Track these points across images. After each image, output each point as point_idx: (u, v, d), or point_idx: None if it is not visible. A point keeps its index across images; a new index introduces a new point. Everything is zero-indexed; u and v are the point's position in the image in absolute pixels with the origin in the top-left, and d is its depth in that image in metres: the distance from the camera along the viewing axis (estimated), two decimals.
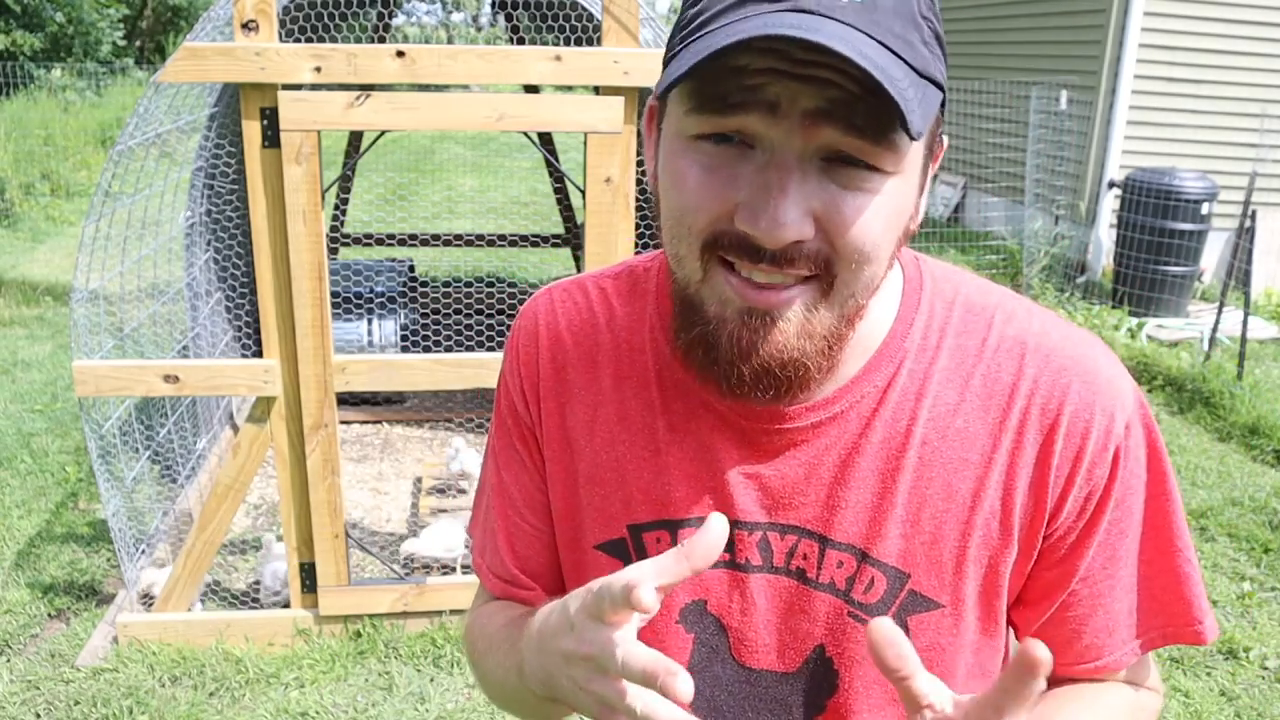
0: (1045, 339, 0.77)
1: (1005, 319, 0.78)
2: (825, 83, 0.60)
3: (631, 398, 0.82)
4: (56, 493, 4.01)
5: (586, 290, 0.87)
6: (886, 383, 0.77)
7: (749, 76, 0.61)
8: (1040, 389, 0.76)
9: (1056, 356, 0.76)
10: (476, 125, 2.63)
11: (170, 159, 3.66)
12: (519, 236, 6.58)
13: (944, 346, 0.77)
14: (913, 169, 0.67)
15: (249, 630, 3.02)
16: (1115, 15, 6.97)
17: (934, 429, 0.76)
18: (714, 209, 0.65)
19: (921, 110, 0.61)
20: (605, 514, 0.83)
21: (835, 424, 0.77)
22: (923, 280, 0.80)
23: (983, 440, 0.76)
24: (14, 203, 9.16)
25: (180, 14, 20.67)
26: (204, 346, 3.88)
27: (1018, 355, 0.77)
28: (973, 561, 0.77)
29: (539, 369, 0.86)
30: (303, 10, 3.50)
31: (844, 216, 0.64)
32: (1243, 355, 5.23)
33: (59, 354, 5.60)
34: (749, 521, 0.79)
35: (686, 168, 0.66)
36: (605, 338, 0.84)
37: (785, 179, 0.62)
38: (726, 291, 0.67)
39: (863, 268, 0.66)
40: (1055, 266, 7.02)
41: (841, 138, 0.62)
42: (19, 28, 14.74)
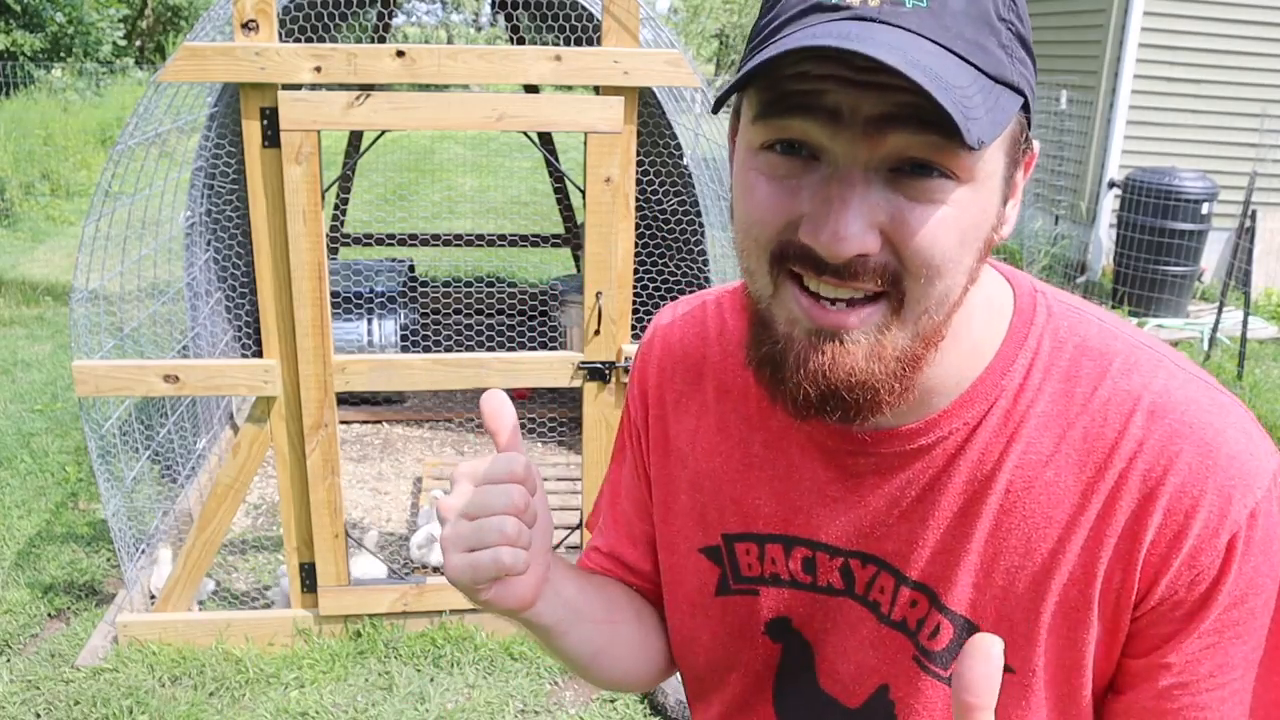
0: (1165, 397, 0.68)
1: (1125, 369, 0.70)
2: (890, 88, 0.58)
3: (731, 411, 0.84)
4: (56, 493, 4.01)
5: (705, 305, 0.90)
6: (977, 421, 0.72)
7: (809, 82, 0.60)
8: (1145, 452, 0.67)
9: (1172, 418, 0.68)
10: (476, 125, 2.63)
11: (170, 159, 3.66)
12: (519, 236, 6.58)
13: (1045, 390, 0.71)
14: (990, 176, 0.64)
15: (249, 630, 3.02)
16: (1115, 15, 6.97)
17: (1020, 477, 0.70)
18: (779, 221, 0.64)
19: (990, 117, 0.58)
20: (705, 520, 0.85)
21: (921, 456, 0.73)
22: (1035, 314, 0.74)
23: (1072, 498, 0.69)
24: (14, 203, 9.17)
25: (180, 14, 20.67)
26: (204, 346, 3.88)
27: (1128, 411, 0.68)
28: (1047, 630, 0.71)
29: (649, 377, 0.90)
30: (303, 10, 3.50)
31: (910, 228, 0.61)
32: (1243, 355, 5.23)
33: (59, 354, 5.60)
34: (831, 545, 0.78)
35: (754, 179, 0.65)
36: (713, 350, 0.86)
37: (848, 192, 0.61)
38: (795, 310, 0.65)
39: (933, 282, 0.63)
40: (1055, 266, 7.02)
41: (911, 139, 0.59)
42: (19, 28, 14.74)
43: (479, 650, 3.02)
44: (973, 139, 0.56)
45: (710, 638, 0.87)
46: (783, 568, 0.81)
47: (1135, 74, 7.03)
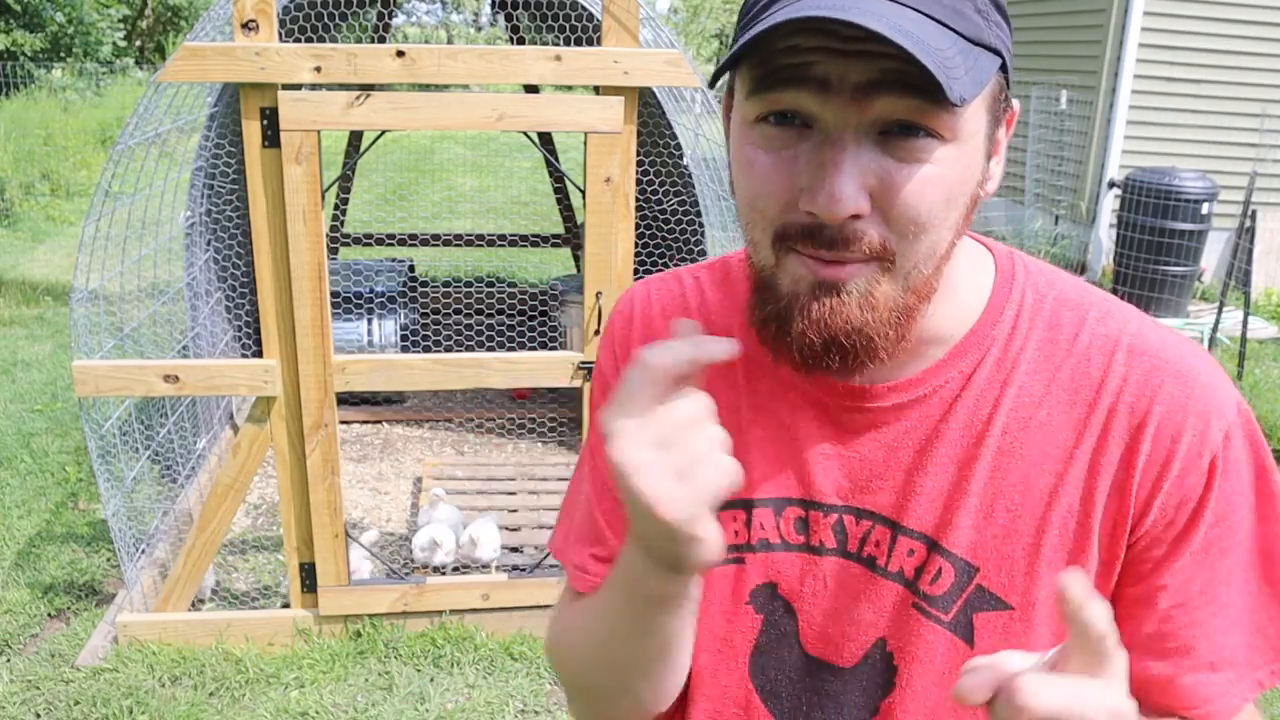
0: (1140, 338, 0.75)
1: (1100, 316, 0.77)
2: (875, 55, 0.62)
3: (716, 379, 0.82)
4: (56, 493, 4.01)
5: (681, 279, 0.90)
6: (972, 369, 0.76)
7: (799, 55, 0.64)
8: (1130, 387, 0.73)
9: (1150, 356, 0.74)
10: (476, 125, 2.63)
11: (170, 159, 3.66)
12: (519, 236, 6.58)
13: (1032, 337, 0.77)
14: (974, 134, 0.68)
15: (249, 630, 3.02)
16: (1115, 15, 6.97)
17: (1015, 419, 0.75)
18: (782, 195, 0.67)
19: (970, 77, 0.62)
20: None
21: (918, 407, 0.77)
22: (1015, 271, 0.80)
23: (1065, 435, 0.74)
24: (14, 203, 9.17)
25: (180, 14, 20.67)
26: (204, 346, 3.88)
27: (1109, 351, 0.75)
28: (1046, 563, 0.74)
29: (631, 345, 0.88)
30: (303, 10, 3.50)
31: (898, 187, 0.65)
32: (1243, 355, 5.23)
33: (59, 354, 5.60)
34: (826, 503, 0.79)
35: (753, 153, 0.69)
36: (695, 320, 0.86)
37: (839, 155, 0.64)
38: (800, 270, 0.69)
39: (919, 237, 0.67)
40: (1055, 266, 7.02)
41: (897, 102, 0.63)
42: (19, 28, 14.74)
43: (479, 650, 3.02)
44: (955, 96, 0.60)
45: None
46: (772, 532, 0.82)
47: (1135, 74, 7.03)
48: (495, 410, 4.94)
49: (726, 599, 0.83)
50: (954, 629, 0.77)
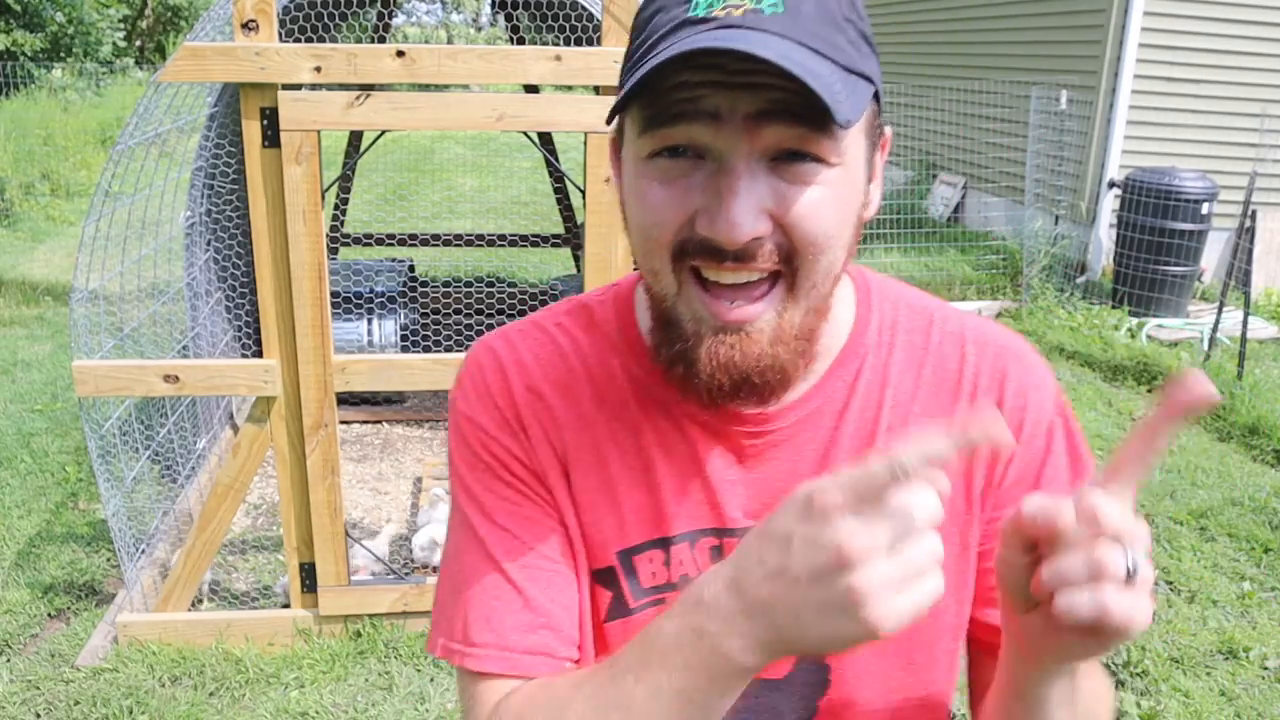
0: (979, 332, 0.86)
1: (943, 317, 0.87)
2: (762, 87, 0.65)
3: (613, 419, 0.83)
4: (56, 493, 4.01)
5: (541, 327, 0.87)
6: (854, 377, 0.82)
7: (689, 90, 0.66)
8: (983, 372, 0.84)
9: (992, 344, 0.85)
10: (476, 125, 2.63)
11: (170, 159, 3.66)
12: (519, 236, 6.58)
13: (897, 342, 0.84)
14: (856, 159, 0.71)
15: (249, 630, 3.02)
16: (1115, 15, 6.97)
17: (897, 416, 0.82)
18: (676, 219, 0.69)
19: (850, 101, 0.66)
20: (596, 541, 0.82)
21: (812, 421, 0.81)
22: (870, 287, 0.87)
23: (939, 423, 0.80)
24: (14, 203, 9.17)
25: (180, 14, 20.67)
26: (204, 346, 3.88)
27: (959, 345, 0.85)
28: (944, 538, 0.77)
29: (516, 399, 0.83)
30: (303, 10, 3.50)
31: (795, 210, 0.68)
32: (1243, 355, 5.23)
33: (59, 354, 5.60)
34: (738, 528, 0.81)
35: (647, 186, 0.70)
36: (575, 365, 0.84)
37: (735, 182, 0.67)
38: (700, 310, 0.70)
39: (819, 256, 0.70)
40: (1055, 266, 7.02)
41: (785, 132, 0.66)
42: (19, 28, 14.74)
43: None
44: (842, 119, 0.63)
45: None
46: (690, 565, 0.81)
47: (1135, 74, 7.02)
48: None
49: None
50: None
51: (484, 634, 0.79)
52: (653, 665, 0.66)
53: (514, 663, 0.78)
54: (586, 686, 0.71)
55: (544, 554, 0.81)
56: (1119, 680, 3.03)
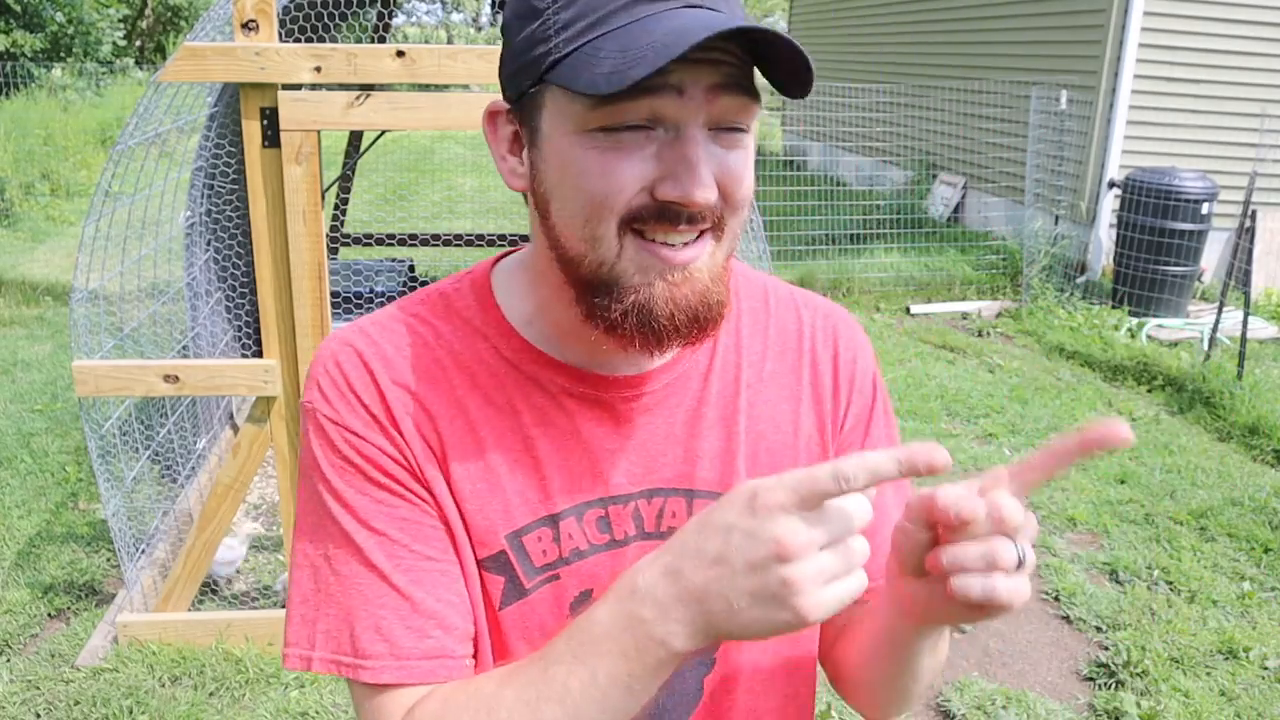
0: (806, 297, 0.96)
1: (774, 285, 0.95)
2: (719, 63, 0.70)
3: (486, 403, 0.82)
4: (56, 493, 4.01)
5: (396, 318, 0.85)
6: (713, 342, 0.88)
7: None
8: (819, 331, 0.93)
9: (819, 307, 0.96)
10: (476, 125, 2.63)
11: (170, 159, 3.66)
12: (519, 236, 6.58)
13: (743, 308, 0.92)
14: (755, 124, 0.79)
15: (249, 630, 3.02)
16: (1115, 15, 6.97)
17: (753, 374, 0.89)
18: (633, 185, 0.72)
19: None
20: (482, 527, 0.80)
21: (680, 384, 0.86)
22: None
23: (789, 378, 0.91)
24: (14, 203, 9.17)
25: (180, 14, 20.67)
26: (204, 346, 3.88)
27: (794, 308, 0.94)
28: None
29: (384, 394, 0.80)
30: (303, 10, 3.50)
31: (734, 174, 0.74)
32: (1243, 355, 5.23)
33: (59, 354, 5.60)
34: (621, 495, 0.83)
35: (593, 156, 0.72)
36: (440, 353, 0.82)
37: (698, 150, 0.71)
38: (647, 259, 0.74)
39: (742, 211, 0.77)
40: (1055, 266, 7.02)
41: (732, 103, 0.72)
42: (19, 28, 14.74)
43: None
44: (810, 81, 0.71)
45: (508, 651, 0.81)
46: (580, 539, 0.82)
47: (1135, 74, 7.03)
48: None
49: (548, 619, 0.81)
50: None
51: (375, 644, 0.76)
52: (587, 654, 0.67)
53: (410, 670, 0.76)
54: (516, 681, 0.70)
55: (425, 554, 0.78)
56: (1119, 680, 3.03)
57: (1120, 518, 4.06)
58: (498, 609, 0.81)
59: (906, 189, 9.52)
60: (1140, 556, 3.73)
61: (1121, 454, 4.61)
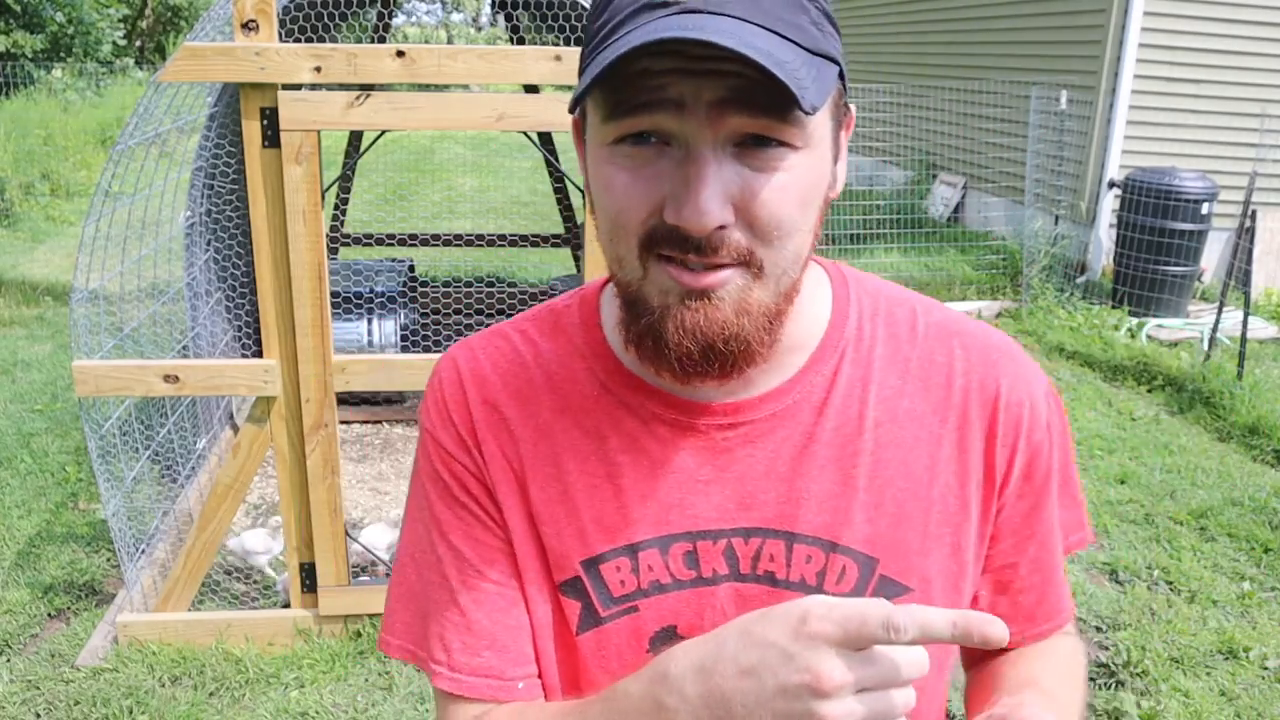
0: (964, 326, 0.85)
1: (925, 309, 0.85)
2: (725, 74, 0.64)
3: (573, 426, 0.81)
4: (56, 493, 4.01)
5: (505, 334, 0.87)
6: (833, 371, 0.80)
7: (653, 78, 0.65)
8: (975, 369, 0.82)
9: (979, 340, 0.84)
10: (476, 125, 2.63)
11: (170, 159, 3.66)
12: (519, 236, 6.58)
13: (879, 335, 0.82)
14: (821, 141, 0.70)
15: (249, 630, 3.02)
16: (1115, 15, 6.97)
17: (884, 412, 0.80)
18: (644, 207, 0.69)
19: (816, 86, 0.65)
20: (558, 553, 0.80)
21: (788, 416, 0.79)
22: (847, 280, 0.85)
23: (930, 420, 0.80)
24: (14, 203, 9.17)
25: (180, 14, 20.67)
26: (204, 346, 3.88)
27: (946, 340, 0.83)
28: (935, 540, 0.79)
29: (471, 412, 0.83)
30: (303, 10, 3.50)
31: (760, 197, 0.67)
32: (1243, 355, 5.23)
33: (59, 354, 5.60)
34: (712, 530, 0.78)
35: (613, 173, 0.70)
36: (535, 374, 0.83)
37: (702, 169, 0.66)
38: (667, 281, 0.70)
39: (785, 243, 0.69)
40: (1055, 266, 7.02)
41: (749, 120, 0.66)
42: (19, 28, 14.74)
43: None
44: (808, 106, 0.62)
45: (586, 677, 0.82)
46: (662, 572, 0.79)
47: (1135, 74, 7.02)
48: None
49: (626, 650, 0.80)
50: None
51: (438, 651, 0.82)
52: None
53: (462, 684, 0.81)
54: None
55: (490, 576, 0.81)
56: (1119, 680, 3.03)
57: (1120, 518, 4.06)
58: (574, 633, 0.81)
59: (906, 189, 9.52)
60: (1140, 556, 3.73)
61: (1121, 454, 4.61)
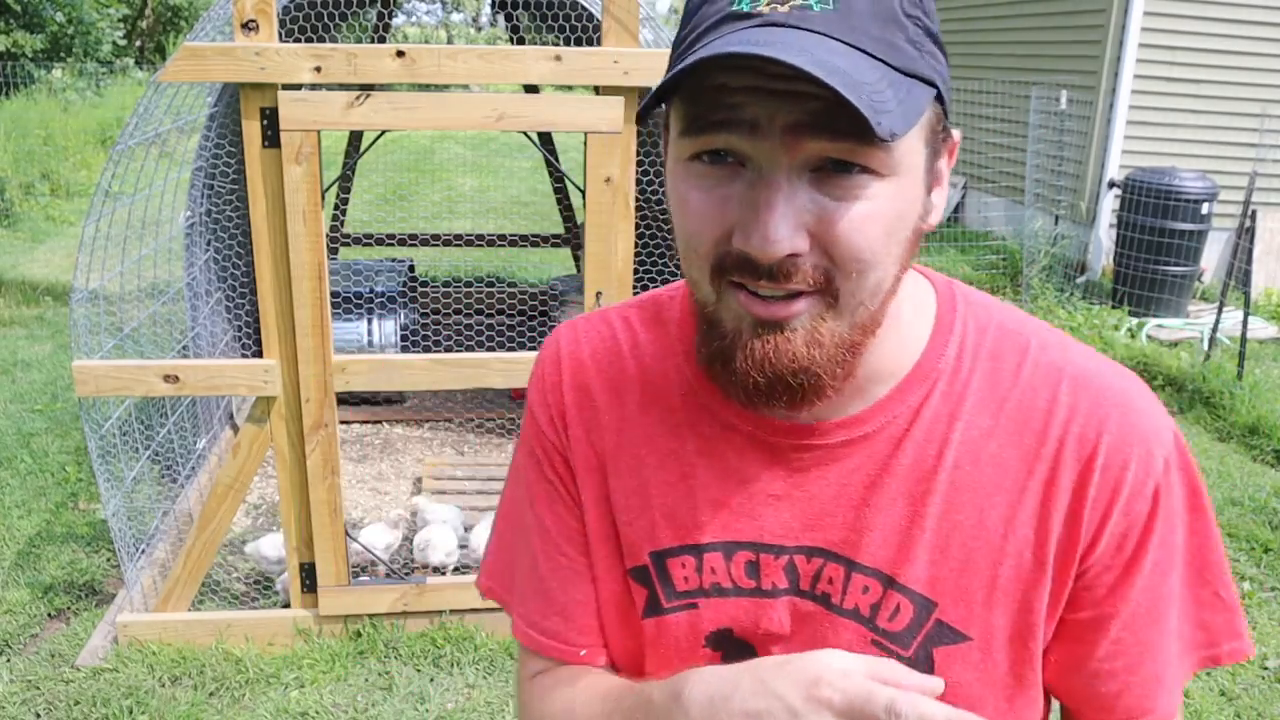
0: (1082, 368, 0.76)
1: (1041, 346, 0.77)
2: (803, 96, 0.60)
3: (657, 422, 0.82)
4: (56, 493, 4.01)
5: (609, 320, 0.88)
6: (919, 404, 0.76)
7: (729, 95, 0.62)
8: (1077, 417, 0.74)
9: (1094, 386, 0.75)
10: (476, 125, 2.63)
11: (170, 159, 3.66)
12: (519, 236, 6.58)
13: (978, 369, 0.76)
14: (911, 168, 0.66)
15: (249, 630, 3.02)
16: (1115, 15, 6.97)
17: (966, 453, 0.75)
18: (714, 232, 0.66)
19: (901, 110, 0.61)
20: (629, 540, 0.83)
21: (865, 444, 0.76)
22: (956, 303, 0.79)
23: (1016, 467, 0.74)
24: (14, 203, 9.16)
25: (180, 14, 20.67)
26: (204, 346, 3.88)
27: (1053, 382, 0.75)
28: (1003, 593, 0.75)
29: (564, 395, 0.86)
30: (303, 10, 3.50)
31: (838, 227, 0.64)
32: (1243, 355, 5.23)
33: (59, 354, 5.60)
34: (775, 545, 0.78)
35: (686, 191, 0.68)
36: (629, 364, 0.85)
37: (774, 196, 0.63)
38: (740, 310, 0.68)
39: (865, 275, 0.66)
40: (1055, 266, 7.02)
41: (827, 145, 0.62)
42: (19, 28, 14.73)
43: (479, 650, 3.02)
44: (884, 132, 0.58)
45: (647, 656, 0.85)
46: (724, 576, 0.80)
47: (1135, 74, 7.02)
48: (495, 410, 4.94)
49: (683, 642, 0.82)
50: (914, 664, 0.75)
51: (518, 605, 0.89)
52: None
53: (532, 640, 0.87)
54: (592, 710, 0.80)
55: (565, 551, 0.86)
56: None
57: None
58: (640, 616, 0.84)
59: None
60: None
61: None
